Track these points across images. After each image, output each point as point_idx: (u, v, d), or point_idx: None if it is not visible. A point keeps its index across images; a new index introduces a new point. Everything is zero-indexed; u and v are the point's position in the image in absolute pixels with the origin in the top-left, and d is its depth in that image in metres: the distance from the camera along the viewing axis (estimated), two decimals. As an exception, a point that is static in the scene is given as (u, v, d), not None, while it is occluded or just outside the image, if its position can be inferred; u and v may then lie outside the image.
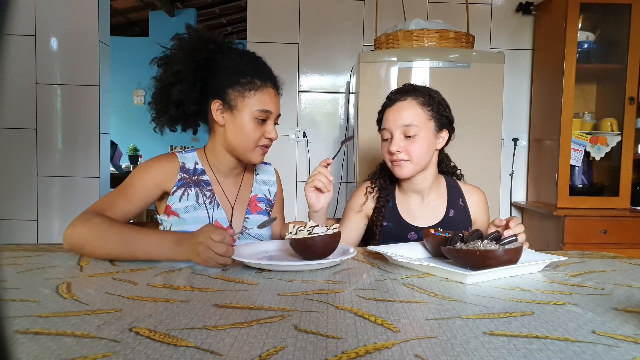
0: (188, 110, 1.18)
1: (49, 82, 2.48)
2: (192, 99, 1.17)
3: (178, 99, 1.16)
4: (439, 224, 1.28)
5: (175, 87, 1.16)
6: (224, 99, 1.16)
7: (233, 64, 1.16)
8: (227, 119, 1.17)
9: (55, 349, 0.51)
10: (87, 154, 2.52)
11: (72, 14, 2.47)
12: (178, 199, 1.19)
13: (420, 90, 1.27)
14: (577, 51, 2.37)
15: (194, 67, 1.15)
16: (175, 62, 1.16)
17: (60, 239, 2.47)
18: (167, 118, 1.20)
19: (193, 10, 6.59)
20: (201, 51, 1.16)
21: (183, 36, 1.18)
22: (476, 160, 2.17)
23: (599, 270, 0.94)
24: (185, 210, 1.18)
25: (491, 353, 0.51)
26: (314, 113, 2.77)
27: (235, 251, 0.95)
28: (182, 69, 1.15)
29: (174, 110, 1.18)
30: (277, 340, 0.54)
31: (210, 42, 1.18)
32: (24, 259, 0.96)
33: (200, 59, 1.16)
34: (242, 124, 1.16)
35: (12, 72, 2.42)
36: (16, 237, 2.51)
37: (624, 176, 2.41)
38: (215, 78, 1.17)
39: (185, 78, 1.15)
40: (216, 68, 1.17)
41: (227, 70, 1.16)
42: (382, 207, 1.31)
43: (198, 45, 1.17)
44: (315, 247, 0.94)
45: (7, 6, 0.22)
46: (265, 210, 1.31)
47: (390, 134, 1.25)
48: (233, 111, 1.16)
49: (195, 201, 1.20)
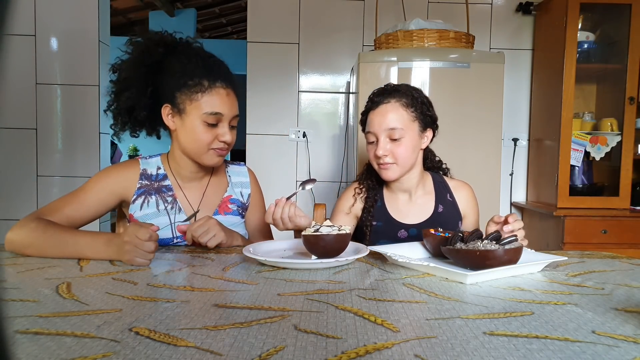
0: (139, 117, 1.16)
1: (49, 82, 2.48)
2: (142, 105, 1.15)
3: (127, 105, 1.15)
4: (428, 220, 1.29)
5: (124, 93, 1.14)
6: (174, 103, 1.13)
7: (181, 66, 1.13)
8: (177, 124, 1.15)
9: (55, 349, 0.51)
10: (87, 154, 2.52)
11: (72, 14, 2.47)
12: (139, 207, 1.18)
13: (403, 91, 1.27)
14: (577, 51, 2.37)
15: (143, 72, 1.13)
16: (124, 67, 1.15)
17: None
18: (120, 123, 1.19)
19: (193, 10, 6.58)
20: (151, 55, 1.14)
21: (136, 40, 1.17)
22: (476, 160, 2.17)
23: (599, 270, 0.94)
24: (147, 217, 1.17)
25: (491, 353, 0.51)
26: (314, 113, 2.77)
27: (251, 249, 0.98)
28: (130, 75, 1.14)
29: (125, 116, 1.17)
30: (277, 340, 0.54)
31: (160, 45, 1.15)
32: (24, 259, 0.96)
33: (150, 63, 1.13)
34: (191, 128, 1.12)
35: (12, 72, 2.42)
36: (16, 237, 2.50)
37: (624, 176, 2.41)
38: (164, 82, 1.14)
39: (134, 84, 1.14)
40: (165, 71, 1.14)
41: (175, 73, 1.13)
42: (370, 207, 1.31)
43: (147, 48, 1.14)
44: (327, 244, 0.94)
45: (7, 6, 0.22)
46: (235, 210, 1.28)
47: (375, 137, 1.25)
48: (182, 115, 1.13)
49: (156, 208, 1.19)
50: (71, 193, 1.14)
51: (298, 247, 1.08)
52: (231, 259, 1.00)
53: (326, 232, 0.95)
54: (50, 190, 2.51)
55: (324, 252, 0.95)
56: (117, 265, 0.92)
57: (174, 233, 1.19)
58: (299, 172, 2.76)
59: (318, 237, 0.94)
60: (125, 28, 6.93)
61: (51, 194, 2.51)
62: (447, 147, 2.17)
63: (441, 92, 2.15)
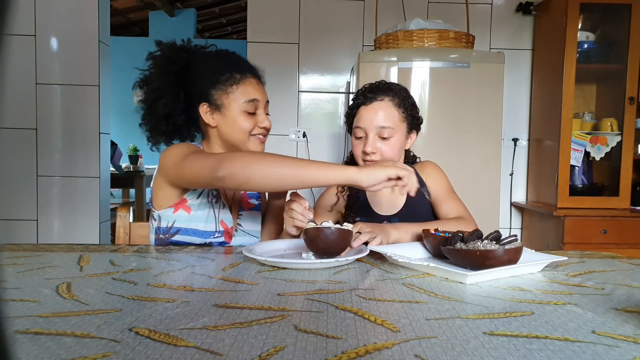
0: (178, 121, 1.20)
1: (49, 82, 2.48)
2: (179, 110, 1.19)
3: (165, 113, 1.18)
4: (405, 205, 1.29)
5: (159, 102, 1.18)
6: (210, 100, 1.18)
7: (209, 66, 1.18)
8: (218, 119, 1.19)
9: (55, 349, 0.51)
10: (87, 154, 2.52)
11: (72, 14, 2.47)
12: (197, 195, 1.19)
13: (396, 91, 1.27)
14: (577, 51, 2.37)
15: (172, 79, 1.18)
16: (153, 78, 1.19)
17: (60, 239, 2.48)
18: (160, 134, 1.22)
19: (193, 10, 6.58)
20: (175, 62, 1.19)
21: (155, 54, 1.21)
22: (476, 160, 2.17)
23: (599, 270, 0.94)
24: (199, 207, 1.19)
25: (491, 353, 0.51)
26: (314, 113, 2.77)
27: (249, 249, 0.98)
28: (161, 84, 1.18)
29: (164, 125, 1.20)
30: (277, 340, 0.54)
31: (182, 51, 1.21)
32: (24, 259, 0.96)
33: (177, 70, 1.18)
34: (233, 120, 1.17)
35: (12, 72, 2.42)
36: (16, 237, 2.51)
37: (624, 176, 2.41)
38: (196, 83, 1.18)
39: (167, 91, 1.18)
40: (194, 74, 1.19)
41: (205, 72, 1.18)
42: (353, 204, 1.32)
43: (171, 57, 1.19)
44: (328, 240, 0.94)
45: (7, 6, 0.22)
46: (258, 204, 1.32)
47: (364, 133, 1.25)
48: (221, 110, 1.17)
49: (207, 199, 1.21)
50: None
51: (298, 247, 1.08)
52: (231, 259, 1.00)
53: (327, 227, 0.95)
54: (50, 190, 2.51)
55: (325, 247, 0.95)
56: (117, 265, 0.92)
57: (217, 227, 1.21)
58: (299, 172, 2.76)
59: (319, 230, 0.94)
60: (125, 28, 6.93)
61: (51, 194, 2.51)
62: (447, 147, 2.18)
63: (441, 92, 2.15)
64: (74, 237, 2.50)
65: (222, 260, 0.99)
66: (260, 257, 0.92)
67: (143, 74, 1.22)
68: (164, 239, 1.19)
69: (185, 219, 1.18)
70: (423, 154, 1.49)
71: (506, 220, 2.81)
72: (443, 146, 2.16)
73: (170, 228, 1.18)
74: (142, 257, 1.01)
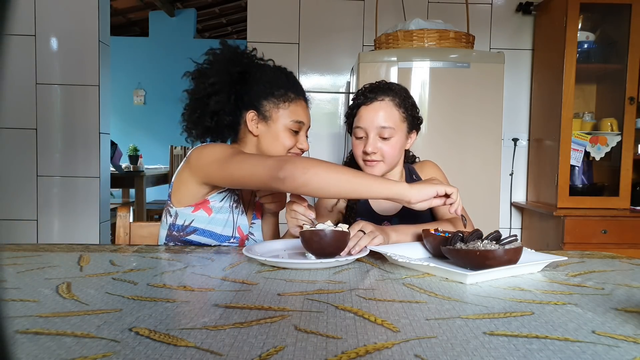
0: (224, 121, 1.21)
1: (49, 82, 2.48)
2: (227, 110, 1.20)
3: (214, 110, 1.20)
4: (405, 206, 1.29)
5: (212, 98, 1.19)
6: (259, 110, 1.19)
7: (268, 77, 1.21)
8: (262, 129, 1.20)
9: (55, 349, 0.51)
10: (87, 154, 2.52)
11: (72, 14, 2.47)
12: (221, 198, 1.19)
13: (396, 91, 1.28)
14: (577, 51, 2.37)
15: (228, 80, 1.20)
16: (211, 74, 1.20)
17: (60, 239, 2.48)
18: (201, 129, 1.22)
19: (193, 10, 6.59)
20: (236, 65, 1.21)
21: (217, 50, 1.23)
22: (476, 160, 2.17)
23: (599, 270, 0.94)
24: (221, 210, 1.19)
25: (491, 353, 0.51)
26: (314, 113, 2.73)
27: (248, 249, 0.98)
28: (218, 81, 1.19)
29: (209, 121, 1.21)
30: (277, 340, 0.54)
31: (244, 57, 1.24)
32: (24, 259, 0.96)
33: (234, 72, 1.20)
34: (276, 134, 1.19)
35: (12, 72, 2.42)
36: (16, 237, 2.51)
37: (624, 176, 2.41)
38: (250, 90, 1.20)
39: (222, 89, 1.19)
40: (251, 81, 1.21)
41: (263, 82, 1.20)
42: (354, 204, 1.32)
43: (232, 59, 1.21)
44: (322, 242, 0.94)
45: (7, 6, 0.22)
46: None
47: (365, 133, 1.25)
48: (268, 121, 1.19)
49: (229, 204, 1.21)
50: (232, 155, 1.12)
51: (298, 247, 1.08)
52: (231, 259, 1.00)
53: (322, 228, 0.95)
54: (50, 190, 2.51)
55: (320, 248, 0.95)
56: (117, 265, 0.92)
57: (233, 232, 1.21)
58: (299, 172, 2.76)
59: (314, 232, 0.94)
60: (125, 28, 6.93)
61: (51, 194, 2.51)
62: (447, 147, 2.18)
63: (441, 92, 2.15)
64: (74, 237, 2.51)
65: (222, 260, 0.99)
66: (260, 257, 0.92)
67: (201, 65, 1.22)
68: (177, 236, 1.19)
69: (205, 220, 1.18)
70: (423, 154, 1.49)
71: (506, 220, 2.81)
72: (443, 146, 2.16)
73: (187, 226, 1.18)
74: (142, 257, 1.01)
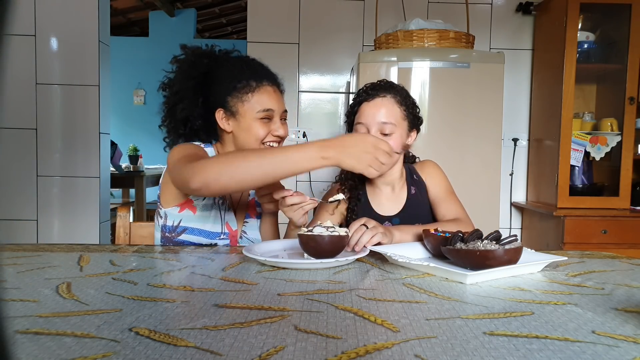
0: (195, 126, 1.22)
1: (49, 82, 2.48)
2: (196, 115, 1.21)
3: (182, 117, 1.21)
4: (405, 205, 1.31)
5: (178, 106, 1.20)
6: (226, 107, 1.19)
7: (228, 72, 1.19)
8: (233, 125, 1.20)
9: (55, 349, 0.51)
10: (87, 154, 2.52)
11: (72, 14, 2.47)
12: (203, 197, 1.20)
13: (397, 89, 1.29)
14: (577, 51, 2.37)
15: (192, 84, 1.20)
16: (175, 83, 1.22)
17: (60, 239, 2.48)
18: (178, 137, 1.24)
19: (193, 11, 6.58)
20: (197, 67, 1.21)
21: (180, 57, 1.23)
22: (476, 160, 2.17)
23: (599, 270, 0.94)
24: (205, 207, 1.20)
25: (491, 353, 0.51)
26: (314, 113, 2.77)
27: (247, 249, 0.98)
28: (181, 88, 1.20)
29: (182, 128, 1.22)
30: (277, 340, 0.54)
31: (204, 57, 1.22)
32: (24, 259, 0.96)
33: (198, 76, 1.20)
34: (247, 127, 1.18)
35: (12, 72, 2.42)
36: (16, 237, 2.51)
37: (624, 176, 2.41)
38: (214, 89, 1.20)
39: (186, 96, 1.20)
40: (214, 80, 1.20)
41: (223, 79, 1.19)
42: (354, 206, 1.32)
43: (193, 62, 1.21)
44: (318, 245, 0.94)
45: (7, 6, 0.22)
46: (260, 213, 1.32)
47: (366, 129, 1.25)
48: (237, 116, 1.19)
49: (214, 200, 1.21)
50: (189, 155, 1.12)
51: (298, 247, 1.08)
52: (231, 259, 1.00)
53: (318, 233, 0.95)
54: (50, 190, 2.51)
55: (316, 252, 0.95)
56: (117, 265, 0.92)
57: (222, 229, 1.22)
58: (299, 172, 2.76)
59: (310, 237, 0.94)
60: (125, 28, 6.92)
61: (51, 194, 2.51)
62: (447, 147, 2.17)
63: (441, 92, 2.15)
64: (74, 237, 2.50)
65: (222, 260, 0.99)
66: (260, 257, 0.92)
67: (167, 76, 1.24)
68: (170, 237, 1.20)
69: (192, 219, 1.19)
70: (423, 154, 1.49)
71: (506, 220, 2.81)
72: (443, 146, 2.16)
73: (176, 227, 1.19)
74: (142, 257, 1.01)
